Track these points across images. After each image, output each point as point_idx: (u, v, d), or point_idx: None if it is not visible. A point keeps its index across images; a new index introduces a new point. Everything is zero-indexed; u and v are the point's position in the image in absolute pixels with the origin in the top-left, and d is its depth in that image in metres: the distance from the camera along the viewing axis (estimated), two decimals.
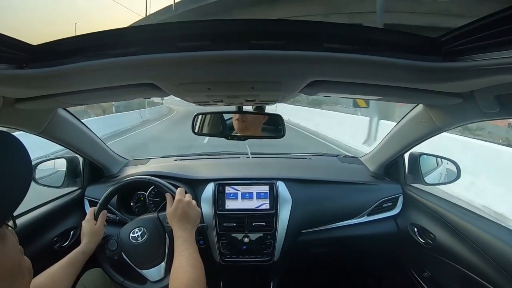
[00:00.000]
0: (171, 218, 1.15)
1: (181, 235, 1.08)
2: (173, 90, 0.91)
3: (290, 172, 1.70)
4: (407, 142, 1.51)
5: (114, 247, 1.22)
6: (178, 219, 1.13)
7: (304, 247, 1.63)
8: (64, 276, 1.04)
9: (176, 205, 1.15)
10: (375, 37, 0.65)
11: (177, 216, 1.13)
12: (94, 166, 1.69)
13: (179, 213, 1.14)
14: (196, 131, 1.45)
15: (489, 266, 1.12)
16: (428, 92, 0.86)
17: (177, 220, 1.13)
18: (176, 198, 1.17)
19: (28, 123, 1.14)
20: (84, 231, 1.21)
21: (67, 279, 1.05)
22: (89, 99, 1.12)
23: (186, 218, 1.13)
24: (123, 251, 1.21)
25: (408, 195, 1.65)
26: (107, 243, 1.23)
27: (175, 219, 1.13)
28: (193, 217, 1.16)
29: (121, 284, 1.20)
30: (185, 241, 1.05)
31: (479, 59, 0.58)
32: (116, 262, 1.22)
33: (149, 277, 1.19)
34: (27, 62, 0.66)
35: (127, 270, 1.21)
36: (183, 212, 1.14)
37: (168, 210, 1.17)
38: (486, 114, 0.94)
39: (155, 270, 1.19)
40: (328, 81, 0.82)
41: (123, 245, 1.22)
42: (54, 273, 1.03)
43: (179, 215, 1.13)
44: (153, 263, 1.19)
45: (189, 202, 1.18)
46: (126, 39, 0.65)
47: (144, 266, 1.19)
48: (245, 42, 0.61)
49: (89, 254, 1.17)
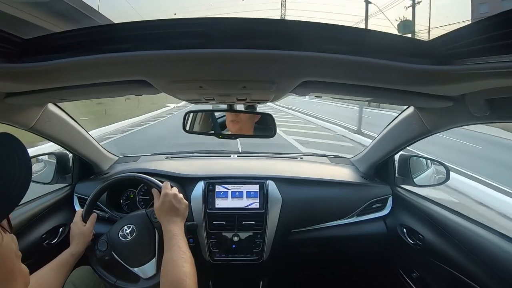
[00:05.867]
0: (158, 212, 1.14)
1: (170, 229, 1.07)
2: (165, 88, 0.90)
3: (280, 172, 1.71)
4: (397, 143, 1.52)
5: (104, 247, 1.20)
6: (166, 213, 1.12)
7: (294, 246, 1.63)
8: (53, 278, 1.03)
9: (163, 199, 1.15)
10: (368, 39, 0.65)
11: (164, 210, 1.13)
12: (84, 163, 1.68)
13: (166, 207, 1.13)
14: (187, 129, 1.44)
15: (476, 266, 1.14)
16: (419, 94, 0.87)
17: (164, 214, 1.12)
18: (162, 192, 1.17)
19: (17, 118, 1.12)
20: (72, 233, 1.19)
21: (56, 281, 1.04)
22: (81, 95, 1.10)
23: (174, 211, 1.13)
24: (114, 251, 1.20)
25: (398, 196, 1.66)
26: (97, 243, 1.22)
27: (162, 213, 1.13)
28: (181, 210, 1.15)
29: (113, 285, 1.18)
30: (174, 235, 1.05)
31: (471, 63, 0.59)
32: (107, 263, 1.20)
33: (142, 275, 1.18)
34: (18, 56, 0.65)
35: (119, 269, 1.20)
36: (170, 205, 1.13)
37: (155, 205, 1.17)
38: (476, 117, 0.95)
39: (147, 267, 1.18)
40: (320, 82, 0.82)
41: (113, 245, 1.20)
42: (43, 275, 1.02)
43: (166, 209, 1.13)
44: (145, 260, 1.18)
45: (175, 195, 1.17)
46: (118, 35, 0.65)
47: (136, 264, 1.18)
48: (238, 41, 0.61)
49: (78, 256, 1.15)
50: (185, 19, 0.61)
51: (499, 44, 0.52)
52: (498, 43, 0.53)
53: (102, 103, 16.55)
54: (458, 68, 0.62)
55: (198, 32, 0.62)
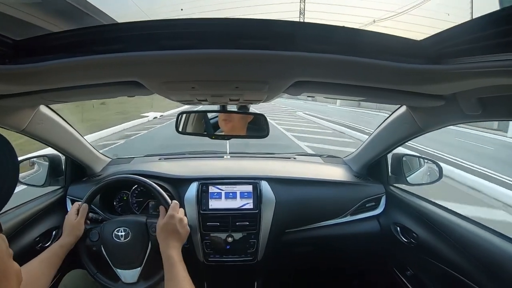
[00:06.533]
0: (160, 231, 1.14)
1: (171, 255, 1.07)
2: (157, 89, 0.90)
3: (274, 172, 1.71)
4: (390, 142, 1.53)
5: (95, 238, 1.22)
6: (167, 234, 1.13)
7: (288, 246, 1.64)
8: (42, 271, 1.04)
9: (168, 220, 1.15)
10: (360, 38, 0.65)
11: (166, 231, 1.13)
12: (76, 165, 1.66)
13: (169, 229, 1.14)
14: (180, 130, 1.44)
15: (470, 264, 1.15)
16: (411, 94, 0.87)
17: (165, 235, 1.13)
18: (169, 213, 1.17)
19: (9, 120, 1.11)
20: (64, 224, 1.20)
21: (45, 274, 1.04)
22: (73, 96, 1.10)
23: (176, 235, 1.14)
24: (103, 245, 1.21)
25: (391, 195, 1.68)
26: (89, 232, 1.23)
27: (163, 233, 1.13)
28: (182, 235, 1.16)
29: (93, 276, 1.20)
30: (175, 263, 1.05)
31: (462, 62, 0.59)
32: (94, 254, 1.22)
33: (122, 278, 1.20)
34: (9, 58, 0.64)
35: (102, 264, 1.21)
36: (174, 229, 1.14)
37: (159, 222, 1.17)
38: (468, 116, 0.96)
39: (130, 273, 1.20)
40: (312, 82, 0.82)
41: (104, 239, 1.21)
42: (32, 269, 1.02)
43: (169, 230, 1.13)
44: (130, 266, 1.20)
45: (181, 219, 1.18)
46: (110, 36, 0.64)
47: (120, 266, 1.20)
48: (230, 41, 0.61)
49: (68, 249, 1.15)
50: (177, 20, 0.61)
51: (490, 43, 0.53)
52: (489, 42, 0.53)
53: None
54: (449, 67, 0.62)
55: (190, 33, 0.62)
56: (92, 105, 16.66)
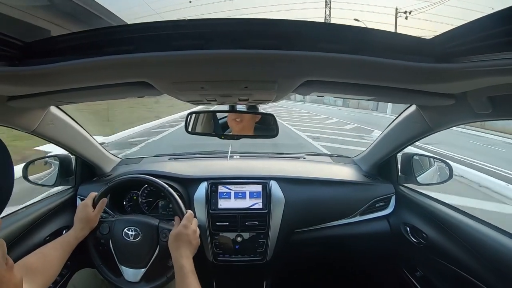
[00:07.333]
0: (172, 240, 1.15)
1: (183, 264, 1.07)
2: (167, 89, 0.90)
3: (283, 172, 1.71)
4: (399, 142, 1.52)
5: (105, 231, 1.24)
6: (180, 244, 1.13)
7: (297, 246, 1.63)
8: (56, 257, 1.05)
9: (182, 230, 1.16)
10: (369, 37, 0.65)
11: (179, 241, 1.14)
12: (86, 165, 1.68)
13: (182, 239, 1.14)
14: (189, 130, 1.44)
15: (480, 264, 1.13)
16: (421, 93, 0.86)
17: (178, 244, 1.13)
18: (183, 223, 1.18)
19: (20, 121, 1.12)
20: (80, 216, 1.21)
21: (58, 260, 1.06)
22: (83, 97, 1.11)
23: (188, 245, 1.14)
24: (112, 240, 1.23)
25: (401, 195, 1.66)
26: (100, 224, 1.25)
27: (176, 242, 1.14)
28: (194, 246, 1.17)
29: (97, 267, 1.22)
30: (187, 273, 1.05)
31: (472, 61, 0.59)
32: (101, 246, 1.24)
33: (125, 275, 1.21)
34: (20, 59, 0.65)
35: (107, 257, 1.23)
36: (187, 239, 1.15)
37: (172, 231, 1.18)
38: (478, 115, 0.94)
39: (133, 272, 1.21)
40: (321, 81, 0.81)
41: (113, 235, 1.23)
42: (47, 254, 1.04)
43: (182, 240, 1.14)
44: (134, 265, 1.21)
45: (194, 231, 1.19)
46: (120, 37, 0.65)
47: (125, 263, 1.21)
48: (239, 41, 0.61)
49: (80, 240, 1.18)
50: (186, 20, 0.61)
51: (500, 41, 0.52)
52: (499, 40, 0.52)
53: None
54: (459, 65, 0.61)
55: (199, 33, 0.62)
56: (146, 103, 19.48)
